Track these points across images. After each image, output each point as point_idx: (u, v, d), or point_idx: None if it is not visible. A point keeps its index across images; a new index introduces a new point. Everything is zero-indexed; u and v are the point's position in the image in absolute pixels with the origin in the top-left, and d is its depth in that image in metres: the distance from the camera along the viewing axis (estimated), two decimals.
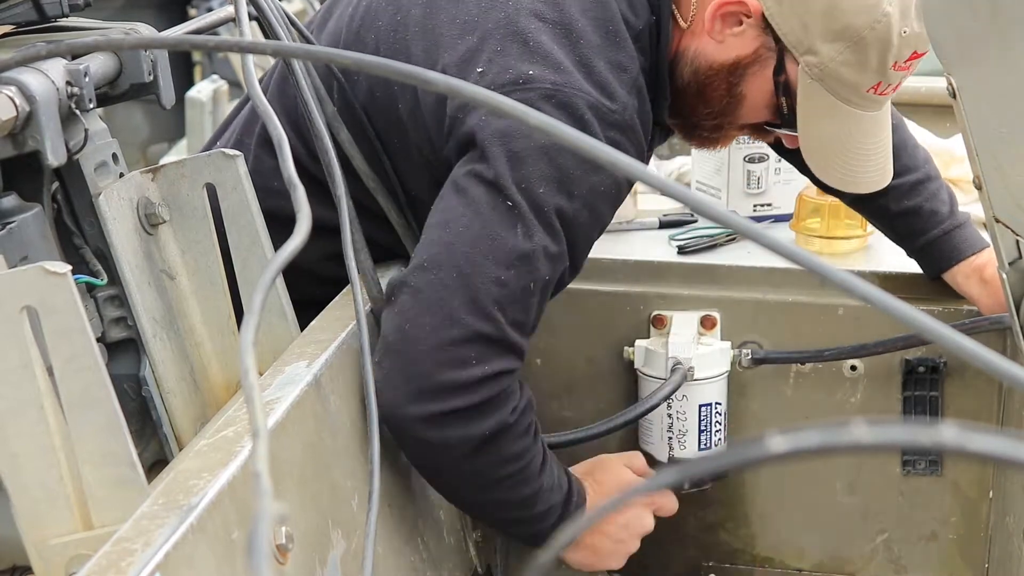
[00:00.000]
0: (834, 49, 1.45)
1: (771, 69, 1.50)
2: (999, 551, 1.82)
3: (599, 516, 1.47)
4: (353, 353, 1.39)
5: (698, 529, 2.00)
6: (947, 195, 1.75)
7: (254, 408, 0.77)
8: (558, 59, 1.41)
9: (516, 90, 1.39)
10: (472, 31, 1.44)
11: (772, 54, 1.49)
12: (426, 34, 1.48)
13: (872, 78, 1.47)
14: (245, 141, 1.62)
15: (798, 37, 1.46)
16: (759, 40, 1.49)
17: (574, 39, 1.43)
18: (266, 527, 0.63)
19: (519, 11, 1.44)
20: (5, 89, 1.11)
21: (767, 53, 1.49)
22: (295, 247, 0.97)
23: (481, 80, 1.40)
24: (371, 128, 1.54)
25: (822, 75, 1.47)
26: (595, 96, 1.41)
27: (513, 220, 1.37)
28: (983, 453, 0.49)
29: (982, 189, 1.32)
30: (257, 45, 1.10)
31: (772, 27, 1.47)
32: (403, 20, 1.50)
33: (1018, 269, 1.39)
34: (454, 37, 1.45)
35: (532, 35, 1.42)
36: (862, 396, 1.87)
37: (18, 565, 1.14)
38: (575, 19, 1.44)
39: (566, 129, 0.75)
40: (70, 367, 1.03)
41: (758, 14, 1.47)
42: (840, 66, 1.46)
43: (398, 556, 1.45)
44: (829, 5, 1.43)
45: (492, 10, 1.44)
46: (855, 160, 1.55)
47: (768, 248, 0.70)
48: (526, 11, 1.44)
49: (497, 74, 1.40)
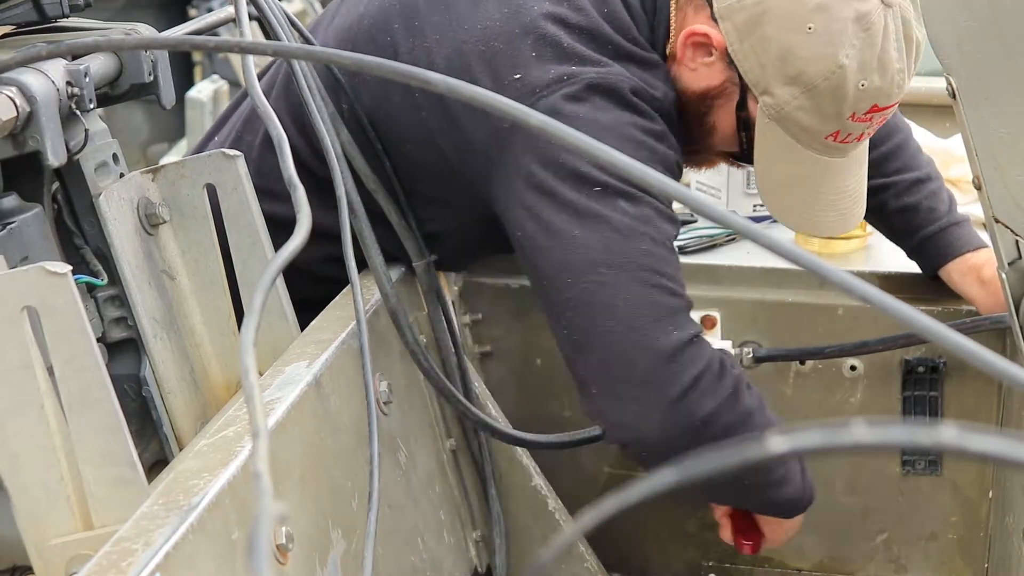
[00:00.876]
0: (789, 93, 1.44)
1: (736, 103, 1.50)
2: (999, 551, 1.82)
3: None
4: (354, 353, 1.39)
5: (698, 529, 2.00)
6: (946, 196, 1.76)
7: (254, 408, 0.77)
8: (595, 56, 1.43)
9: (562, 86, 1.40)
10: (496, 38, 1.44)
11: (736, 89, 1.49)
12: (447, 42, 1.47)
13: (830, 126, 1.46)
14: (246, 139, 1.62)
15: (757, 76, 1.45)
16: (725, 74, 1.49)
17: (603, 43, 1.45)
18: (266, 527, 0.64)
19: (545, 16, 1.45)
20: (5, 89, 1.11)
21: (732, 87, 1.49)
22: (295, 247, 0.97)
23: (522, 84, 1.41)
24: (372, 129, 1.54)
25: (779, 116, 1.46)
26: (637, 81, 1.44)
27: (612, 198, 1.38)
28: (983, 453, 0.49)
29: (982, 189, 1.32)
30: (257, 46, 1.10)
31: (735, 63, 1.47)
32: (420, 26, 1.50)
33: (1018, 269, 1.39)
34: (476, 44, 1.45)
35: (565, 39, 1.44)
36: (862, 396, 1.87)
37: (18, 565, 1.14)
38: (600, 24, 1.46)
39: (566, 129, 0.75)
40: (70, 367, 1.04)
41: (722, 48, 1.47)
42: (795, 110, 1.45)
43: (398, 556, 1.45)
44: (784, 50, 1.42)
45: (516, 16, 1.45)
46: (813, 204, 1.55)
47: (768, 248, 0.70)
48: (551, 16, 1.45)
49: (538, 76, 1.41)
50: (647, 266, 1.38)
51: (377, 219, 1.54)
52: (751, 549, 1.68)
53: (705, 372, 1.40)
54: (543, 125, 0.76)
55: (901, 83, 1.45)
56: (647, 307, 1.38)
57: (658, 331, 1.38)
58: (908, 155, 1.75)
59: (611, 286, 1.38)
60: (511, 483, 1.75)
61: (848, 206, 1.57)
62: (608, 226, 1.38)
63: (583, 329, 1.40)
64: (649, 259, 1.39)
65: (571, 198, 1.39)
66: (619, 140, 1.39)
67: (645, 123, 1.44)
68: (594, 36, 1.45)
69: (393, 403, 1.50)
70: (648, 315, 1.38)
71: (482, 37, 1.45)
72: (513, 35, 1.44)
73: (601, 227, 1.38)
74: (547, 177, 1.40)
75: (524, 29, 1.44)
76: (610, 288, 1.38)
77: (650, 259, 1.39)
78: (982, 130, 1.27)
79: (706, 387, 1.40)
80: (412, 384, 1.60)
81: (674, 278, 1.41)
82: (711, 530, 1.99)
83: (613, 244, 1.38)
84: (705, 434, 1.41)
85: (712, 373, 1.41)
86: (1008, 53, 1.19)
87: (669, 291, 1.40)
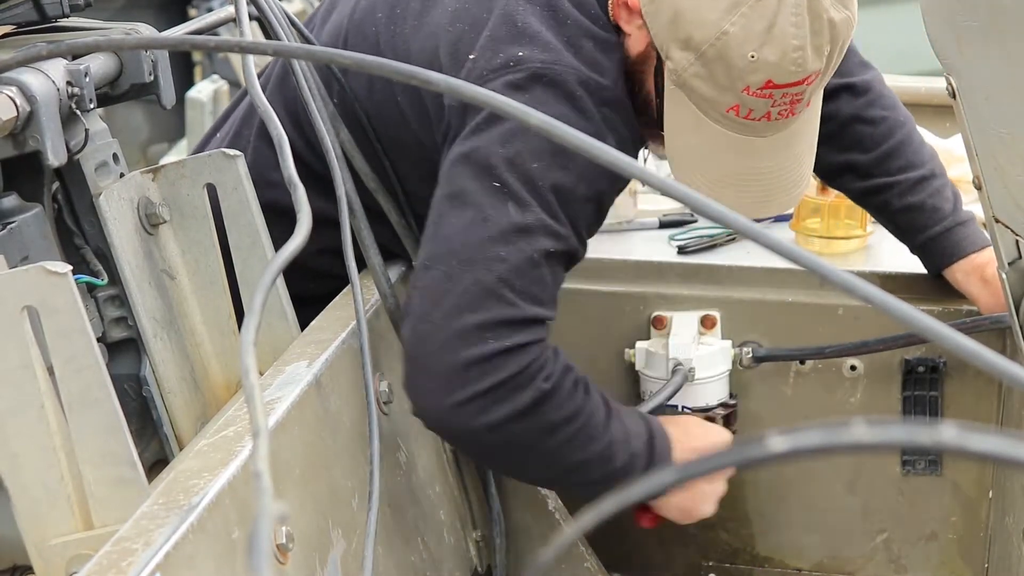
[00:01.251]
0: (685, 58, 1.41)
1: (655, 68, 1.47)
2: (999, 551, 1.82)
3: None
4: (354, 353, 1.39)
5: (698, 529, 2.00)
6: (951, 192, 1.75)
7: (254, 408, 0.77)
8: (546, 39, 1.42)
9: (507, 72, 1.39)
10: (463, 19, 1.45)
11: (655, 53, 1.46)
12: (422, 27, 1.48)
13: (728, 98, 1.42)
14: (244, 133, 1.62)
15: (661, 39, 1.43)
16: (648, 39, 1.45)
17: (561, 19, 1.44)
18: (266, 527, 0.64)
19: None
20: (6, 89, 1.11)
21: (652, 51, 1.46)
22: (295, 247, 0.97)
23: (473, 66, 1.41)
24: (371, 128, 1.54)
25: (680, 82, 1.43)
26: (585, 72, 1.41)
27: (503, 199, 1.37)
28: (983, 453, 0.49)
29: (982, 189, 1.32)
30: (257, 45, 1.10)
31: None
32: (402, 13, 1.51)
33: (1018, 269, 1.39)
34: (445, 26, 1.46)
35: (520, 16, 1.43)
36: (862, 396, 1.87)
37: (18, 565, 1.14)
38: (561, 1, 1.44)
39: (567, 129, 0.75)
40: (70, 367, 1.04)
41: (637, 10, 1.44)
42: (692, 77, 1.42)
43: (398, 556, 1.45)
44: (676, 12, 1.40)
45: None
46: (722, 182, 1.50)
47: (768, 248, 0.70)
48: None
49: (488, 59, 1.41)
50: (498, 273, 1.36)
51: (375, 215, 1.55)
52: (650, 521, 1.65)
53: (503, 384, 1.36)
54: (543, 125, 0.76)
55: (800, 61, 1.39)
56: (475, 312, 1.35)
57: (474, 337, 1.35)
58: (911, 151, 1.74)
59: (453, 280, 1.36)
60: (511, 483, 1.75)
61: (762, 191, 1.52)
62: (481, 222, 1.36)
63: (415, 308, 1.39)
64: (503, 267, 1.36)
65: (464, 184, 1.38)
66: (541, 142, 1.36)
67: (581, 122, 1.40)
68: (555, 11, 1.44)
69: (393, 403, 1.50)
70: (471, 321, 1.35)
71: (452, 19, 1.46)
72: (479, 17, 1.44)
73: (475, 221, 1.37)
74: (463, 156, 1.39)
75: (489, 8, 1.44)
76: (450, 281, 1.36)
77: (504, 267, 1.36)
78: (982, 130, 1.27)
79: (499, 397, 1.37)
80: None
81: (524, 292, 1.37)
82: (711, 530, 1.99)
83: (474, 240, 1.36)
84: (491, 439, 1.39)
85: (509, 386, 1.37)
86: (1008, 53, 1.19)
87: (508, 302, 1.36)
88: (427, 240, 1.41)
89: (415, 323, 1.38)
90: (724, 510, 1.98)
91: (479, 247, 1.36)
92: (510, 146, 1.37)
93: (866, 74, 1.76)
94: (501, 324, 1.36)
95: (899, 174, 1.71)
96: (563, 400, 1.41)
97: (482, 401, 1.36)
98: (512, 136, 1.36)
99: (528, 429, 1.39)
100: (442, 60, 1.44)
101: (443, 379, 1.36)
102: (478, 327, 1.35)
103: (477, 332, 1.35)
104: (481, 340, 1.35)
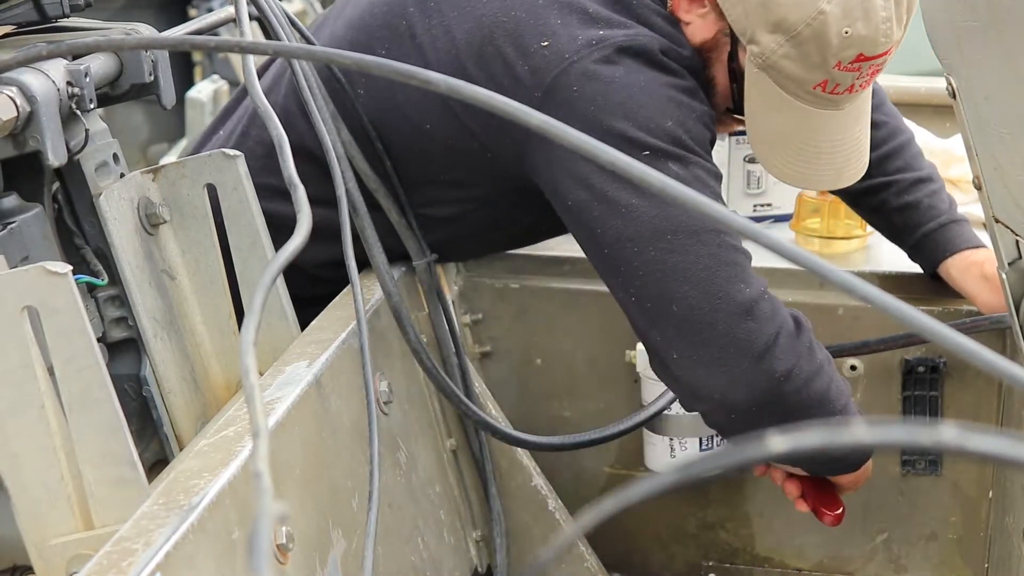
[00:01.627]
0: (774, 41, 1.44)
1: (727, 54, 1.50)
2: (999, 551, 1.82)
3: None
4: (354, 353, 1.39)
5: (698, 529, 2.00)
6: (947, 196, 1.76)
7: (255, 408, 0.77)
8: (621, 19, 1.44)
9: (592, 50, 1.41)
10: (518, 7, 1.45)
11: (728, 39, 1.49)
12: (466, 16, 1.47)
13: (817, 75, 1.46)
14: (252, 134, 1.61)
15: (743, 24, 1.45)
16: (718, 24, 1.48)
17: (626, 4, 1.46)
18: (266, 527, 0.64)
19: None
20: (6, 89, 1.11)
21: (724, 38, 1.49)
22: (296, 247, 0.97)
23: (550, 52, 1.41)
24: (372, 128, 1.54)
25: (765, 65, 1.46)
26: (666, 42, 1.45)
27: (661, 162, 1.39)
28: (983, 453, 0.49)
29: (982, 189, 1.32)
30: (258, 45, 1.10)
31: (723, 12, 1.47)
32: (436, 5, 1.50)
33: (1018, 269, 1.39)
34: (497, 15, 1.45)
35: (588, 4, 1.45)
36: (862, 396, 1.87)
37: (19, 565, 1.14)
38: None
39: (567, 129, 0.75)
40: (71, 367, 1.04)
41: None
42: (781, 59, 1.45)
43: (398, 556, 1.45)
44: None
45: None
46: (806, 156, 1.54)
47: (768, 248, 0.70)
48: None
49: (567, 43, 1.42)
50: (708, 227, 1.39)
51: (377, 213, 1.54)
52: (835, 520, 1.65)
53: (783, 326, 1.42)
54: (543, 125, 0.76)
55: (888, 32, 1.43)
56: (718, 267, 1.39)
57: (732, 289, 1.39)
58: (910, 155, 1.75)
59: (679, 252, 1.39)
60: (511, 483, 1.75)
61: (843, 161, 1.56)
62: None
63: (656, 295, 1.41)
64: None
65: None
66: (658, 100, 1.41)
67: (679, 81, 1.44)
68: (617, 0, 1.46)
69: (393, 403, 1.50)
70: (720, 275, 1.39)
71: (502, 8, 1.46)
72: (535, 3, 1.44)
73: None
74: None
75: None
76: (679, 254, 1.39)
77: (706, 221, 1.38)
78: (982, 130, 1.27)
79: (785, 342, 1.42)
80: (412, 384, 1.60)
81: (732, 234, 1.42)
82: (711, 530, 1.99)
83: (672, 210, 1.38)
84: (787, 388, 1.42)
85: (788, 327, 1.43)
86: (1008, 53, 1.19)
87: (732, 247, 1.42)
88: (604, 230, 1.42)
89: (662, 306, 1.40)
90: (724, 510, 1.99)
91: (678, 213, 1.38)
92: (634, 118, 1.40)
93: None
94: (744, 270, 1.42)
95: (897, 174, 1.72)
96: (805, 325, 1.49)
97: (775, 349, 1.40)
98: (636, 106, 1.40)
99: (810, 370, 1.44)
100: (501, 48, 1.44)
101: (730, 345, 1.39)
102: (729, 281, 1.40)
103: (733, 286, 1.40)
104: (740, 292, 1.40)
